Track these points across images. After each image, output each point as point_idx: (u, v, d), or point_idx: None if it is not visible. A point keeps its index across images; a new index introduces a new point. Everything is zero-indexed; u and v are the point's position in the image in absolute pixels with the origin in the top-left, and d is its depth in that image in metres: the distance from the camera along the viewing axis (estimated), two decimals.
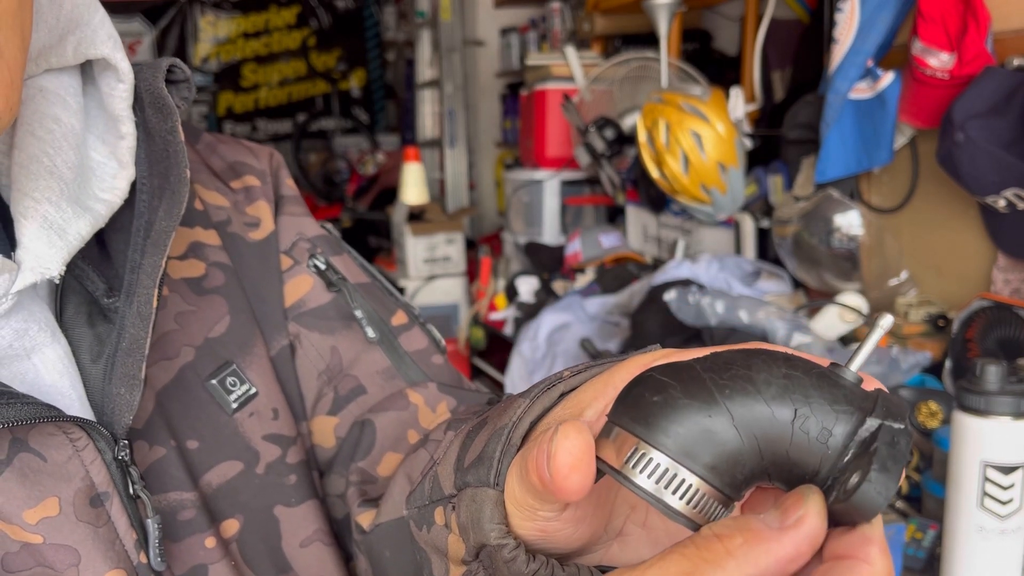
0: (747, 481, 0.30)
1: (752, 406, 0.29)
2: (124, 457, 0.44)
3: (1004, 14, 1.36)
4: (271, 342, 0.56)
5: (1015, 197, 1.31)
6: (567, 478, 0.30)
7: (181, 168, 0.47)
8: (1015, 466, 0.91)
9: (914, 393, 1.32)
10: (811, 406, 0.29)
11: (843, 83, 1.57)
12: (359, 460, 0.55)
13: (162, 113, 0.48)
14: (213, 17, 5.68)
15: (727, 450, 0.29)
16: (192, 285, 0.53)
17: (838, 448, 0.29)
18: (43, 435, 0.42)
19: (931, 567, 1.07)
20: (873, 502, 0.27)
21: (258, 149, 0.62)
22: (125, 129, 0.47)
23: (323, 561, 0.53)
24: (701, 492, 0.29)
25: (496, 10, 4.08)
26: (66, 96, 0.46)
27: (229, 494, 0.50)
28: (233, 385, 0.52)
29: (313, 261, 0.59)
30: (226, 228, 0.56)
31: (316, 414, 0.57)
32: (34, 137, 0.44)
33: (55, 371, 0.44)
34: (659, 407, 0.30)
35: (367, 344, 0.58)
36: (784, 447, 0.29)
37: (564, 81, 2.65)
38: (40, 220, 0.43)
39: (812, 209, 1.69)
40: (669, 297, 1.56)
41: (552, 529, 0.35)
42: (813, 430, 0.29)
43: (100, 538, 0.43)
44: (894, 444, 0.28)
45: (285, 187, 0.62)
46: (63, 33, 0.46)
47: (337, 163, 5.16)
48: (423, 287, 3.12)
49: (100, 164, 0.47)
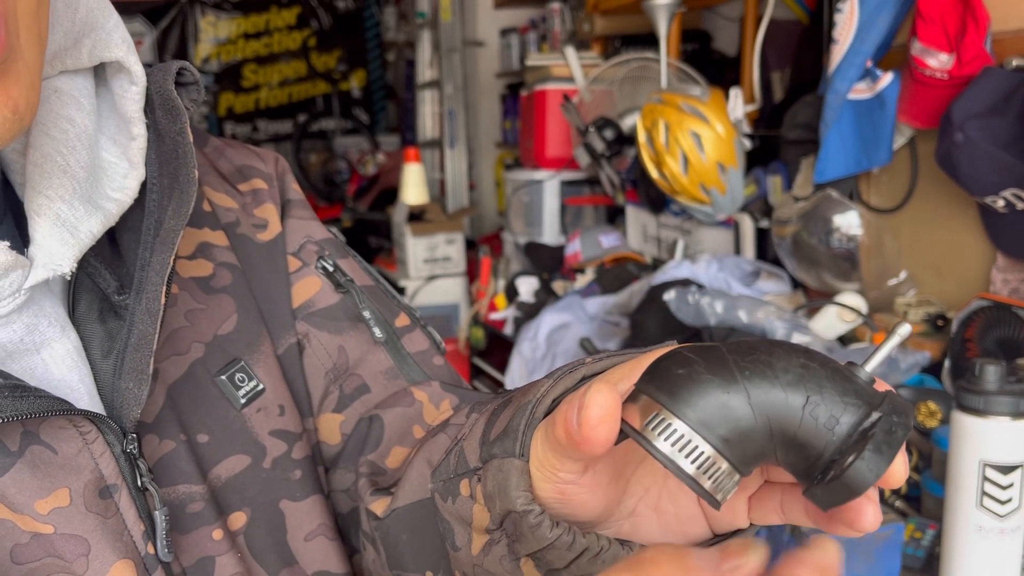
0: (756, 457, 0.32)
1: (768, 388, 0.32)
2: (132, 450, 0.45)
3: (1003, 15, 1.37)
4: (279, 340, 0.57)
5: (1014, 197, 1.32)
6: (595, 428, 0.32)
7: (190, 168, 0.48)
8: (1014, 466, 0.91)
9: (913, 393, 1.32)
10: (823, 395, 0.32)
11: (842, 83, 1.57)
12: (368, 453, 0.56)
13: (172, 115, 0.49)
14: (214, 18, 5.69)
15: (740, 426, 0.32)
16: (201, 284, 0.54)
17: (843, 435, 0.31)
18: (54, 428, 0.43)
19: (930, 566, 1.07)
20: (864, 478, 0.30)
21: (264, 154, 0.64)
22: (136, 130, 0.48)
23: (327, 555, 0.54)
24: (712, 460, 0.32)
25: (496, 11, 4.08)
26: (80, 97, 0.47)
27: (237, 488, 0.51)
28: (242, 381, 0.53)
29: (321, 263, 0.60)
30: (235, 229, 0.58)
31: (322, 411, 0.58)
32: (48, 137, 0.45)
33: (64, 366, 0.45)
34: (683, 379, 0.32)
35: (372, 344, 0.60)
36: (793, 429, 0.32)
37: (564, 82, 2.66)
38: (53, 218, 0.44)
39: (811, 209, 1.69)
40: (669, 297, 1.57)
41: (571, 492, 0.37)
42: (822, 417, 0.31)
43: (109, 529, 0.44)
44: (891, 432, 0.31)
45: (292, 191, 0.63)
46: (78, 36, 0.47)
47: (337, 163, 5.17)
48: (423, 287, 3.13)
49: (112, 164, 0.48)
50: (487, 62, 4.17)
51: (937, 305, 1.56)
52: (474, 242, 3.61)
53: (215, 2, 5.66)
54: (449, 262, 3.16)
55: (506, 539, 0.40)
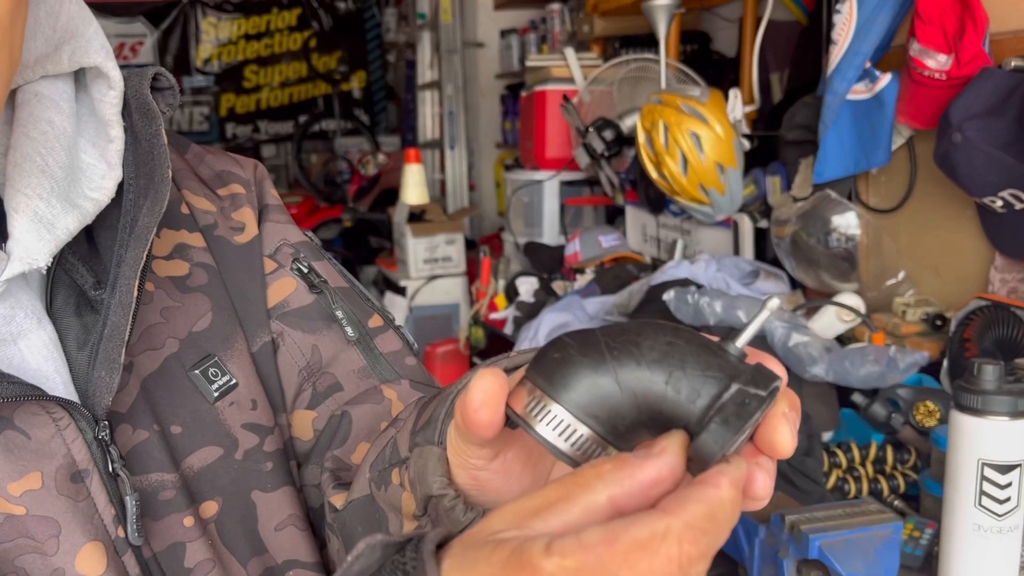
0: (629, 431, 0.34)
1: (634, 367, 0.34)
2: (104, 437, 0.47)
3: (1001, 15, 1.37)
4: (253, 338, 0.59)
5: (1012, 197, 1.32)
6: (477, 411, 0.34)
7: (164, 169, 0.51)
8: (1012, 465, 0.91)
9: (912, 392, 1.32)
10: (685, 371, 0.34)
11: (841, 84, 1.57)
12: (335, 448, 0.58)
13: (147, 118, 0.52)
14: (215, 19, 5.69)
15: (609, 403, 0.34)
16: (177, 283, 0.56)
17: (704, 407, 0.33)
18: (27, 414, 0.45)
19: (928, 566, 1.07)
20: (709, 449, 0.32)
21: (243, 160, 0.66)
22: (114, 133, 0.50)
23: (296, 544, 0.56)
24: (585, 437, 0.34)
25: (496, 12, 4.09)
26: (60, 101, 0.50)
27: (209, 477, 0.53)
28: (215, 376, 0.55)
29: (296, 265, 0.62)
30: (212, 231, 0.60)
31: (296, 408, 0.60)
32: (28, 138, 0.47)
33: (40, 356, 0.47)
34: (558, 364, 0.34)
35: (345, 344, 0.62)
36: (658, 404, 0.34)
37: (564, 82, 2.66)
38: (31, 215, 0.46)
39: (810, 209, 1.70)
40: (668, 297, 1.57)
41: (483, 479, 0.39)
42: (684, 391, 0.33)
43: (79, 512, 0.46)
44: (743, 404, 0.32)
45: (269, 196, 0.65)
46: (59, 43, 0.49)
47: (338, 164, 5.17)
48: (423, 287, 3.13)
49: (90, 166, 0.50)
50: (487, 63, 4.17)
51: (935, 305, 1.57)
52: (474, 242, 3.62)
53: (216, 3, 5.67)
54: (449, 262, 3.16)
55: (430, 524, 0.42)
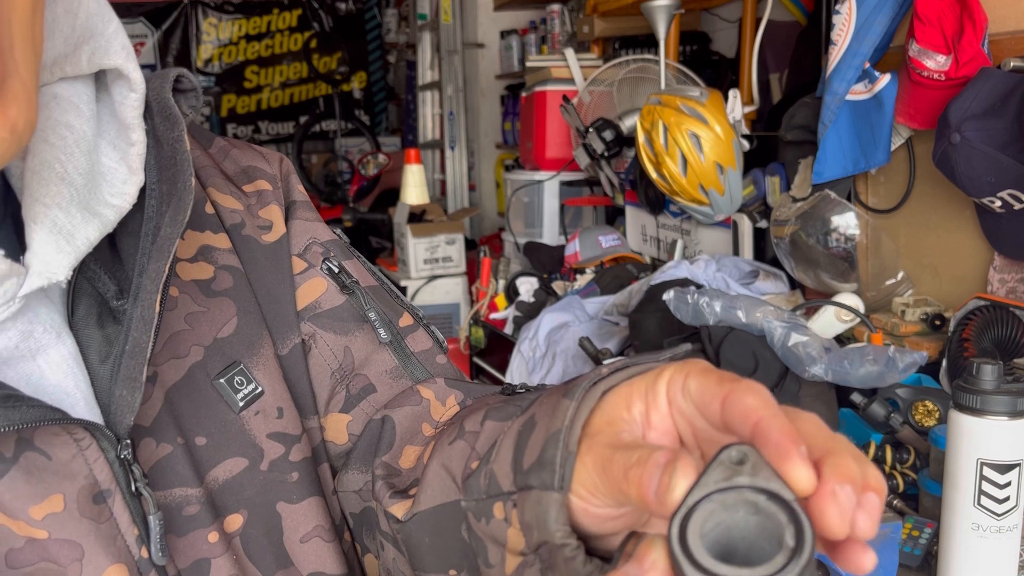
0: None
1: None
2: (127, 456, 0.45)
3: (1000, 16, 1.37)
4: (282, 341, 0.57)
5: (1011, 198, 1.32)
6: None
7: (187, 176, 0.48)
8: (1011, 464, 0.91)
9: (911, 392, 1.32)
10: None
11: (840, 85, 1.57)
12: (382, 455, 0.56)
13: (169, 122, 0.49)
14: (215, 19, 5.70)
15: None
16: (202, 287, 0.54)
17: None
18: (48, 435, 0.44)
19: (927, 565, 1.07)
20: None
21: (269, 154, 0.64)
22: (136, 136, 0.48)
23: (322, 556, 0.55)
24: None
25: (496, 13, 4.09)
26: (79, 103, 0.47)
27: (234, 490, 0.51)
28: (240, 384, 0.53)
29: (327, 264, 0.60)
30: (240, 231, 0.58)
31: (329, 411, 0.59)
32: (47, 143, 0.45)
33: (60, 371, 0.45)
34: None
35: (377, 345, 0.60)
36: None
37: (564, 83, 2.67)
38: (50, 225, 0.44)
39: (809, 210, 1.70)
40: (668, 297, 1.57)
41: (610, 528, 0.39)
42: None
43: (102, 534, 0.44)
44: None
45: (296, 192, 0.63)
46: (78, 43, 0.47)
47: (339, 164, 5.17)
48: (424, 287, 3.13)
49: (111, 170, 0.48)
50: (487, 64, 4.18)
51: (934, 305, 1.57)
52: (474, 242, 3.62)
53: (217, 4, 5.67)
54: (449, 262, 3.16)
55: (539, 563, 0.41)
